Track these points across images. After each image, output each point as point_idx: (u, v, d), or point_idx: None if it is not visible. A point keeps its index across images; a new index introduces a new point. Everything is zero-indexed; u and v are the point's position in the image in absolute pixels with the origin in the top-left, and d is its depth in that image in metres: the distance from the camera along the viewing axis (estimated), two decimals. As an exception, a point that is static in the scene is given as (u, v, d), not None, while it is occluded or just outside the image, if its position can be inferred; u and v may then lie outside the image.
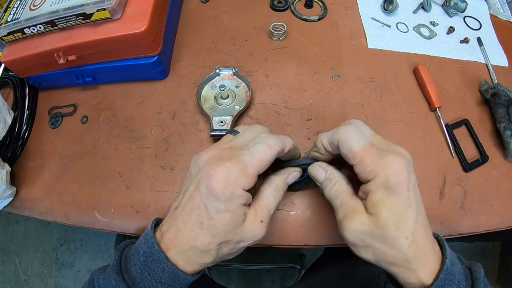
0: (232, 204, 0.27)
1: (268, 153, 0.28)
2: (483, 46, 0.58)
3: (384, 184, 0.26)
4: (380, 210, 0.26)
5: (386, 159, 0.27)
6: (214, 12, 0.58)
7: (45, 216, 0.44)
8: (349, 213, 0.28)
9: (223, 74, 0.49)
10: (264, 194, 0.31)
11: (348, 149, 0.29)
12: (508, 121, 0.47)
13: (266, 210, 0.30)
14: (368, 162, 0.27)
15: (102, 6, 0.41)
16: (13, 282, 1.24)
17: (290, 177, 0.33)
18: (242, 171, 0.27)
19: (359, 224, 0.27)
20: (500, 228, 0.44)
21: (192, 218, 0.27)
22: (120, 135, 0.48)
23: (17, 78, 0.51)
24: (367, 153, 0.28)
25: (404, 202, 0.26)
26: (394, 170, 0.26)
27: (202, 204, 0.27)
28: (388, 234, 0.26)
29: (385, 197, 0.26)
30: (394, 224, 0.26)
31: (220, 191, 0.26)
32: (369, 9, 0.60)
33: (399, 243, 0.26)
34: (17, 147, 0.48)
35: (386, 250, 0.27)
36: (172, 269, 0.27)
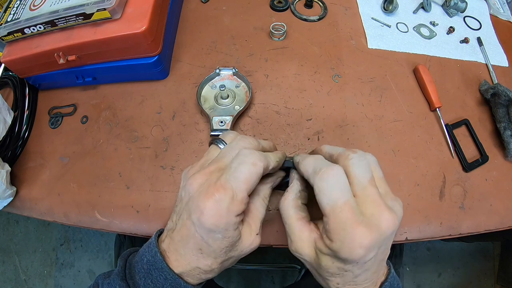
0: (228, 232, 0.27)
1: (254, 172, 0.27)
2: (483, 46, 0.58)
3: (334, 252, 0.25)
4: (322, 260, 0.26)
5: (349, 233, 0.24)
6: (214, 12, 0.58)
7: (45, 216, 0.44)
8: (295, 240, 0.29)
9: (223, 74, 0.49)
10: (254, 206, 0.31)
11: (319, 202, 0.25)
12: (508, 121, 0.47)
13: (259, 221, 0.30)
14: (331, 226, 0.24)
15: (102, 6, 0.41)
16: (13, 282, 1.24)
17: (276, 182, 0.33)
18: (233, 199, 0.26)
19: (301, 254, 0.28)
20: (500, 228, 0.44)
21: (191, 245, 0.27)
22: (120, 135, 0.48)
23: (17, 78, 0.51)
24: (334, 216, 0.24)
25: (348, 268, 0.25)
26: (348, 249, 0.24)
27: (197, 234, 0.27)
28: (323, 275, 0.27)
29: (332, 257, 0.26)
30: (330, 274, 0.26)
31: (214, 225, 0.26)
32: (369, 9, 0.60)
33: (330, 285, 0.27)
34: (17, 147, 0.48)
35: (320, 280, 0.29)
36: (174, 278, 0.27)
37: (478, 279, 1.18)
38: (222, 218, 0.25)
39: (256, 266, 1.12)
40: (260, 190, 0.31)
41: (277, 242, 0.41)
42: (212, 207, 0.25)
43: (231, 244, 0.28)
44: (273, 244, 0.41)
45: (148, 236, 0.42)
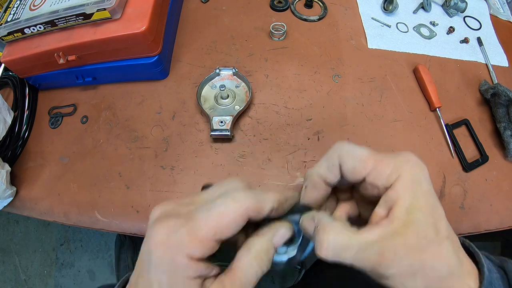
0: (176, 277, 0.20)
1: (231, 209, 0.21)
2: (483, 46, 0.58)
3: (413, 181, 0.22)
4: (416, 214, 0.21)
5: (403, 156, 0.23)
6: (214, 12, 0.58)
7: (45, 216, 0.44)
8: (384, 246, 0.21)
9: (223, 74, 0.49)
10: (238, 265, 0.22)
11: (355, 159, 0.23)
12: (508, 121, 0.47)
13: (239, 286, 0.21)
14: (384, 164, 0.22)
15: (102, 6, 0.41)
16: (13, 282, 1.24)
17: (278, 237, 0.24)
18: (190, 233, 0.20)
19: (403, 247, 0.21)
20: (500, 228, 0.44)
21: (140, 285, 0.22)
22: (120, 135, 0.48)
23: (17, 78, 0.51)
24: (377, 157, 0.23)
25: (433, 199, 0.23)
26: (418, 164, 0.23)
27: (145, 272, 0.21)
28: (432, 240, 0.22)
29: (417, 198, 0.22)
30: (433, 226, 0.22)
31: (158, 257, 0.20)
32: (369, 9, 0.60)
33: (444, 247, 0.22)
34: (17, 147, 0.48)
35: (436, 263, 0.22)
36: None
37: (478, 279, 1.18)
38: (167, 250, 0.20)
39: (256, 266, 1.12)
40: (252, 245, 0.23)
41: (277, 242, 0.41)
42: (161, 233, 0.20)
43: None
44: (273, 244, 0.41)
45: (148, 236, 0.42)
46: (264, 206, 0.22)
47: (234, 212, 0.21)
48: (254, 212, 0.22)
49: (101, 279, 1.21)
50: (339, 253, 0.22)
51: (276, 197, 0.24)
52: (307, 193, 0.26)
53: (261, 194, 0.23)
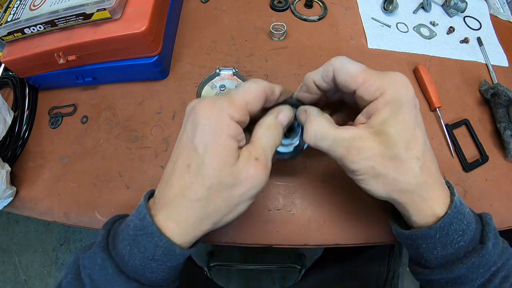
0: (220, 133, 0.24)
1: (254, 87, 0.27)
2: (483, 46, 0.58)
3: (393, 99, 0.25)
4: (389, 127, 0.25)
5: (391, 75, 0.26)
6: (214, 12, 0.58)
7: (45, 216, 0.44)
8: (351, 143, 0.26)
9: (223, 74, 0.49)
10: (255, 137, 0.27)
11: (347, 74, 0.27)
12: (508, 121, 0.47)
13: (260, 148, 0.26)
14: (372, 81, 0.26)
15: (102, 6, 0.41)
16: (13, 282, 1.24)
17: (282, 115, 0.30)
18: (229, 100, 0.25)
19: (368, 150, 0.25)
20: (500, 228, 0.44)
21: (180, 163, 0.25)
22: (120, 135, 0.48)
23: (17, 78, 0.51)
24: (367, 74, 0.26)
25: (413, 120, 0.25)
26: (402, 85, 0.25)
27: (189, 142, 0.25)
28: (399, 154, 0.25)
29: (394, 114, 0.25)
30: (404, 143, 0.25)
31: (205, 118, 0.24)
32: (369, 9, 0.60)
33: (411, 165, 0.25)
34: (17, 147, 0.48)
35: (398, 175, 0.25)
36: (167, 244, 0.24)
37: (478, 279, 1.18)
38: (213, 111, 0.24)
39: (256, 266, 1.12)
40: (263, 121, 0.29)
41: (277, 242, 0.41)
42: (206, 103, 0.25)
43: (222, 159, 0.24)
44: (273, 244, 0.41)
45: (148, 236, 0.42)
46: (275, 88, 0.29)
47: (257, 89, 0.27)
48: (269, 91, 0.28)
49: (101, 279, 1.21)
50: (318, 141, 0.27)
51: (281, 86, 0.30)
52: (300, 92, 0.32)
53: (272, 84, 0.29)
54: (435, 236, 0.25)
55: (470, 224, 0.26)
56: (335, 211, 0.41)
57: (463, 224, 0.26)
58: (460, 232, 0.26)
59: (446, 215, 0.25)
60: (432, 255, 0.27)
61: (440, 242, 0.26)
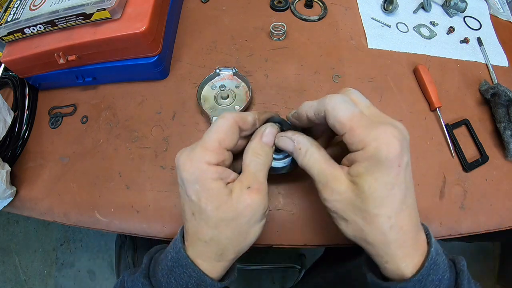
0: (204, 181, 0.26)
1: (222, 122, 0.28)
2: (483, 46, 0.58)
3: (373, 156, 0.24)
4: (363, 181, 0.24)
5: (378, 130, 0.24)
6: (214, 12, 0.58)
7: (45, 216, 0.44)
8: (328, 181, 0.26)
9: (223, 74, 0.49)
10: (244, 165, 0.29)
11: (336, 120, 0.26)
12: (508, 121, 0.47)
13: (250, 175, 0.28)
14: (357, 132, 0.25)
15: (102, 6, 0.41)
16: (13, 282, 1.24)
17: (265, 135, 0.31)
18: (202, 147, 0.27)
19: (341, 194, 0.26)
20: (500, 228, 0.44)
21: (187, 213, 0.28)
22: (120, 135, 0.48)
23: (17, 78, 0.51)
24: (356, 123, 0.25)
25: (391, 179, 0.24)
26: (385, 142, 0.24)
27: (185, 195, 0.27)
28: (369, 209, 0.24)
29: (371, 170, 0.24)
30: (376, 199, 0.24)
31: (187, 173, 0.26)
32: (369, 9, 0.60)
33: (379, 222, 0.24)
34: (17, 147, 0.48)
35: (365, 227, 0.25)
36: (199, 274, 0.26)
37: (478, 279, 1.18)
38: (191, 163, 0.26)
39: (256, 266, 1.12)
40: (248, 147, 0.30)
41: (277, 242, 0.41)
42: (184, 157, 0.27)
43: (215, 199, 0.26)
44: (273, 244, 0.41)
45: (149, 236, 0.42)
46: (247, 116, 0.30)
47: (225, 123, 0.28)
48: (240, 121, 0.29)
49: (101, 279, 1.21)
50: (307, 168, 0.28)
51: (255, 112, 0.31)
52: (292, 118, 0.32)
53: (242, 112, 0.30)
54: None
55: (445, 273, 0.26)
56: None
57: (439, 275, 0.26)
58: (437, 282, 0.25)
59: (423, 268, 0.25)
60: None
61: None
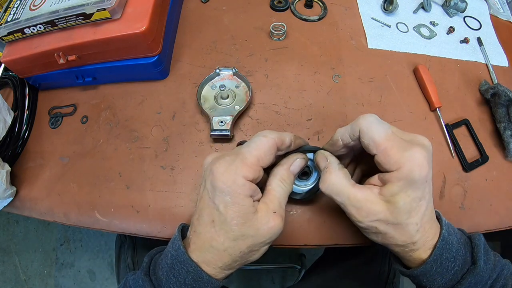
0: (237, 195, 0.27)
1: (264, 142, 0.29)
2: (483, 46, 0.58)
3: (407, 177, 0.27)
4: (398, 199, 0.27)
5: (411, 152, 0.27)
6: (214, 12, 0.58)
7: (45, 216, 0.44)
8: (363, 205, 0.28)
9: (223, 74, 0.49)
10: (270, 187, 0.31)
11: (371, 139, 0.28)
12: (508, 121, 0.47)
13: (277, 201, 0.30)
14: (392, 153, 0.27)
15: (102, 6, 0.41)
16: (13, 282, 1.24)
17: (294, 165, 0.32)
18: (242, 161, 0.27)
19: (376, 214, 0.28)
20: (500, 228, 0.44)
21: (205, 218, 0.28)
22: (120, 135, 0.48)
23: (17, 78, 0.51)
24: (391, 143, 0.27)
25: (420, 194, 0.27)
26: (418, 165, 0.27)
27: (210, 201, 0.28)
28: (401, 221, 0.28)
29: (405, 189, 0.27)
30: (407, 212, 0.27)
31: (222, 183, 0.27)
32: (369, 9, 0.60)
33: (409, 229, 0.28)
34: (17, 147, 0.48)
35: (396, 235, 0.28)
36: (196, 270, 0.27)
37: (478, 279, 1.18)
38: (230, 176, 0.27)
39: (256, 266, 1.12)
40: (276, 171, 0.32)
41: (277, 242, 0.41)
42: (221, 166, 0.27)
43: (243, 215, 0.27)
44: (273, 244, 0.41)
45: (149, 236, 0.42)
46: (285, 138, 0.30)
47: (267, 143, 0.29)
48: (279, 142, 0.30)
49: (101, 279, 1.21)
50: (333, 194, 0.30)
51: (292, 134, 0.32)
52: (326, 145, 0.34)
53: (281, 132, 0.31)
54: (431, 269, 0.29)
55: (459, 250, 0.29)
56: (335, 212, 0.41)
57: (452, 252, 0.29)
58: (452, 259, 0.29)
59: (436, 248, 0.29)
60: (434, 285, 0.30)
61: (437, 273, 0.29)
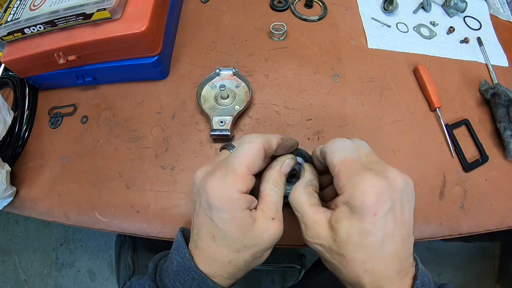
0: (234, 210, 0.27)
1: (251, 148, 0.28)
2: (483, 46, 0.58)
3: (348, 202, 0.25)
4: (340, 226, 0.25)
5: (359, 177, 0.25)
6: (214, 12, 0.58)
7: (45, 216, 0.44)
8: (311, 225, 0.28)
9: (223, 74, 0.49)
10: (265, 193, 0.30)
11: (330, 161, 0.28)
12: (508, 121, 0.47)
13: (273, 206, 0.29)
14: (342, 177, 0.26)
15: (102, 6, 0.41)
16: (13, 282, 1.24)
17: (285, 166, 0.32)
18: (233, 174, 0.27)
19: (320, 238, 0.27)
20: (500, 228, 0.44)
21: (205, 234, 0.28)
22: (120, 135, 0.48)
23: (17, 78, 0.51)
24: (345, 168, 0.27)
25: (367, 227, 0.24)
26: (360, 190, 0.24)
27: (207, 218, 0.27)
28: (345, 253, 0.25)
29: (348, 215, 0.25)
30: (352, 245, 0.25)
31: (218, 201, 0.26)
32: (369, 9, 0.60)
33: (354, 266, 0.25)
34: (17, 147, 0.48)
35: (342, 269, 0.26)
36: (201, 277, 0.27)
37: (478, 279, 1.18)
38: (224, 192, 0.26)
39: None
40: (269, 176, 0.31)
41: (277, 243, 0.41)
42: (214, 183, 0.27)
43: (242, 228, 0.27)
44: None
45: (149, 236, 0.42)
46: (272, 140, 0.30)
47: (254, 148, 0.28)
48: (266, 145, 0.29)
49: (101, 279, 1.21)
50: (293, 207, 0.30)
51: (279, 136, 0.31)
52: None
53: (268, 135, 0.30)
54: None
55: None
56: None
57: None
58: None
59: None
60: None
61: None
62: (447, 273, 1.19)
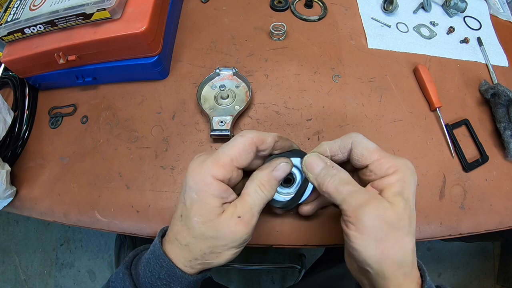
0: (203, 193, 0.27)
1: (240, 141, 0.28)
2: (483, 46, 0.58)
3: (405, 178, 0.28)
4: (399, 200, 0.26)
5: (403, 160, 0.29)
6: (214, 12, 0.58)
7: (45, 216, 0.44)
8: (370, 199, 0.26)
9: (223, 74, 0.49)
10: (245, 191, 0.29)
11: (366, 149, 0.29)
12: (508, 121, 0.47)
13: (248, 206, 0.28)
14: (386, 160, 0.29)
15: (102, 6, 0.41)
16: (13, 282, 1.24)
17: (277, 170, 0.30)
18: (214, 160, 0.27)
19: (384, 210, 0.26)
20: (500, 228, 0.44)
21: (177, 212, 0.29)
22: (120, 135, 0.48)
23: (17, 78, 0.51)
24: (382, 153, 0.29)
25: (413, 200, 0.28)
26: (411, 169, 0.28)
27: (182, 196, 0.29)
28: (402, 226, 0.26)
29: (403, 191, 0.27)
30: (408, 217, 0.26)
31: (192, 179, 0.27)
32: (369, 9, 0.60)
33: (408, 240, 0.26)
34: (17, 147, 0.48)
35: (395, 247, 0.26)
36: (169, 265, 0.28)
37: (478, 279, 1.18)
38: (200, 174, 0.27)
39: (256, 266, 1.12)
40: (255, 176, 0.30)
41: (277, 242, 0.41)
42: (195, 165, 0.28)
43: (205, 213, 0.27)
44: (273, 244, 0.41)
45: (148, 236, 0.42)
46: (266, 137, 0.29)
47: (243, 142, 0.28)
48: (258, 141, 0.29)
49: (101, 279, 1.21)
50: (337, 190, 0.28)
51: (277, 134, 0.31)
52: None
53: (263, 132, 0.30)
54: None
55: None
56: (335, 211, 0.41)
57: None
58: None
59: None
60: None
61: None
62: (447, 273, 1.19)
